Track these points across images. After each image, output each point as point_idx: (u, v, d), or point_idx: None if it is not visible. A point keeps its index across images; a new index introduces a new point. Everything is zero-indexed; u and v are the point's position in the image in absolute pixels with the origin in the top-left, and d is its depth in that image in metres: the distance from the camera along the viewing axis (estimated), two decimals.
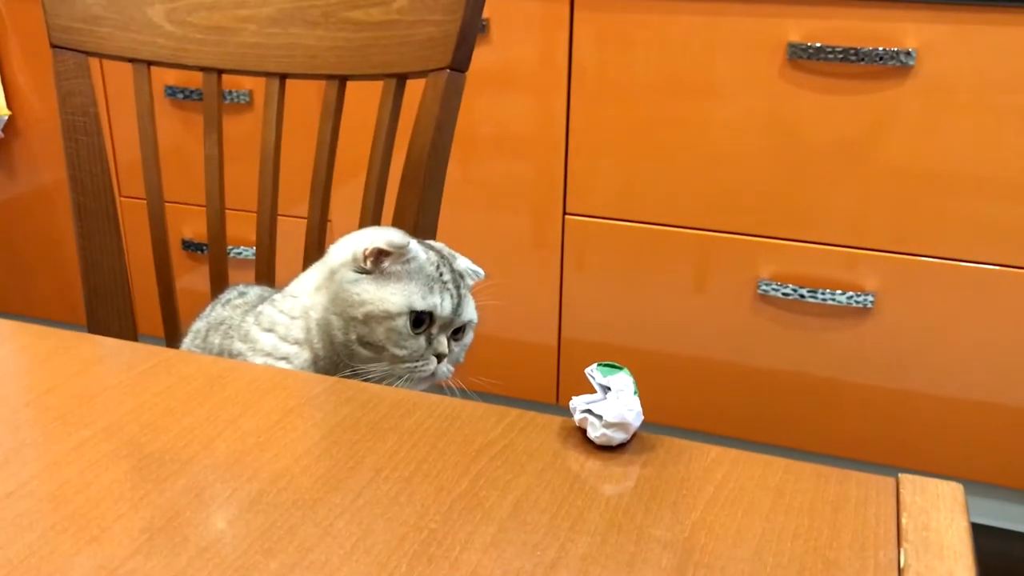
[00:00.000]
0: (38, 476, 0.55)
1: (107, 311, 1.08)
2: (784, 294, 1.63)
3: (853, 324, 1.63)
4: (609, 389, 0.60)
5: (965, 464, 1.66)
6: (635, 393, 0.59)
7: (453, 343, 0.80)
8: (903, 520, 0.52)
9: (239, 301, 0.87)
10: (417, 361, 0.77)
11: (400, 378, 0.77)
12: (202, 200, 1.98)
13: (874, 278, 1.60)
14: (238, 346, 0.81)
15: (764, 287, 1.64)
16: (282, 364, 0.78)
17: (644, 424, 0.60)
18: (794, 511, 0.53)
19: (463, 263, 0.83)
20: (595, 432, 0.58)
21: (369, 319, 0.75)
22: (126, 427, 0.60)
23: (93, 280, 1.07)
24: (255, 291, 0.90)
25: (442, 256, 0.80)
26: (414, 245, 0.77)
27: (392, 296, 0.75)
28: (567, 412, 0.62)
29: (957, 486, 0.55)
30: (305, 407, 0.64)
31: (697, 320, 1.72)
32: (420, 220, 0.99)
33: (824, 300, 1.62)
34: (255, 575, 0.47)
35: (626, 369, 0.61)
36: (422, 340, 0.77)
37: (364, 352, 0.76)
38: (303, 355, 0.78)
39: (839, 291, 1.61)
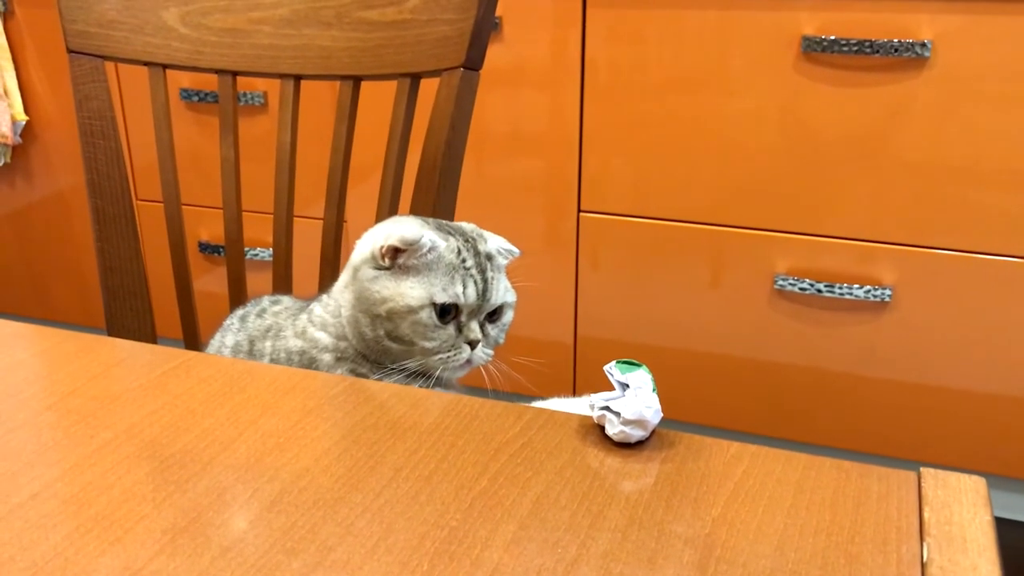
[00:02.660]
0: (61, 478, 0.55)
1: (126, 314, 1.09)
2: (801, 289, 1.63)
3: (871, 318, 1.62)
4: (627, 386, 0.60)
5: (987, 458, 1.65)
6: (654, 390, 0.59)
7: (489, 326, 0.79)
8: (926, 514, 0.51)
9: (278, 308, 0.87)
10: (449, 351, 0.76)
11: (435, 371, 0.76)
12: (219, 202, 1.99)
13: (891, 271, 1.59)
14: (295, 343, 0.81)
15: (780, 282, 1.63)
16: (342, 360, 0.79)
17: (662, 421, 0.60)
18: (815, 506, 0.53)
19: (493, 243, 0.81)
20: (613, 429, 0.58)
21: (392, 315, 0.75)
22: (147, 429, 0.61)
23: (112, 283, 1.08)
24: (287, 298, 0.90)
25: (466, 239, 0.79)
26: (429, 237, 0.76)
27: (411, 290, 0.75)
28: (584, 409, 0.62)
29: (979, 479, 0.54)
30: (325, 407, 0.64)
31: (713, 316, 1.72)
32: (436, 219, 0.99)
33: (841, 294, 1.61)
34: (277, 575, 0.47)
35: (644, 366, 0.61)
36: (451, 329, 0.76)
37: (395, 347, 0.76)
38: (351, 348, 0.80)
39: (856, 285, 1.60)
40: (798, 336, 1.68)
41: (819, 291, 1.62)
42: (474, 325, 0.77)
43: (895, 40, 1.46)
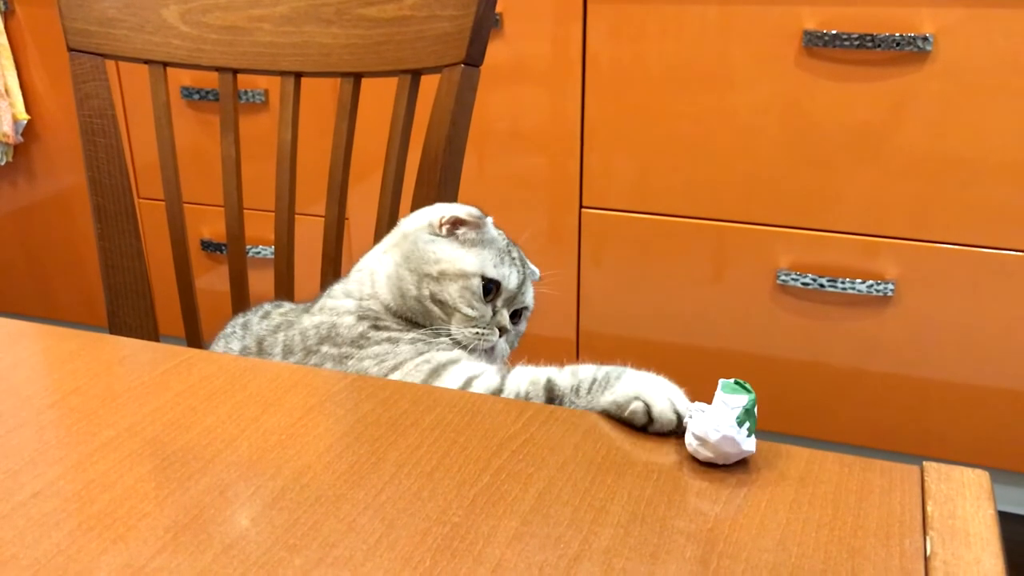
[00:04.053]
0: (63, 476, 0.55)
1: (128, 312, 1.09)
2: (803, 284, 1.62)
3: (874, 312, 1.62)
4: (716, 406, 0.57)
5: (990, 452, 1.64)
6: (738, 418, 0.56)
7: (514, 320, 0.82)
8: (928, 508, 0.51)
9: (283, 309, 0.87)
10: (484, 328, 0.78)
11: (465, 344, 0.77)
12: (220, 200, 1.99)
13: (894, 266, 1.59)
14: (310, 320, 0.80)
15: (783, 277, 1.63)
16: (363, 319, 0.79)
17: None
18: (818, 500, 0.53)
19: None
20: (687, 438, 0.57)
21: (443, 276, 0.78)
22: (149, 426, 0.61)
23: (113, 281, 1.08)
24: (289, 303, 0.90)
25: (507, 241, 0.84)
26: (489, 220, 0.82)
27: (467, 257, 0.79)
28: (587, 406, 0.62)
29: (983, 473, 0.54)
30: (326, 404, 0.64)
31: (716, 311, 1.72)
32: None
33: (844, 289, 1.61)
34: (279, 572, 0.47)
35: (752, 394, 0.58)
36: (489, 308, 0.79)
37: (435, 309, 0.78)
38: (377, 304, 0.81)
39: (859, 280, 1.60)
40: (801, 331, 1.67)
41: (822, 286, 1.62)
42: (505, 313, 0.80)
43: (897, 34, 1.46)
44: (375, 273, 0.82)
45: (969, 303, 1.57)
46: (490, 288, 0.79)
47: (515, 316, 0.83)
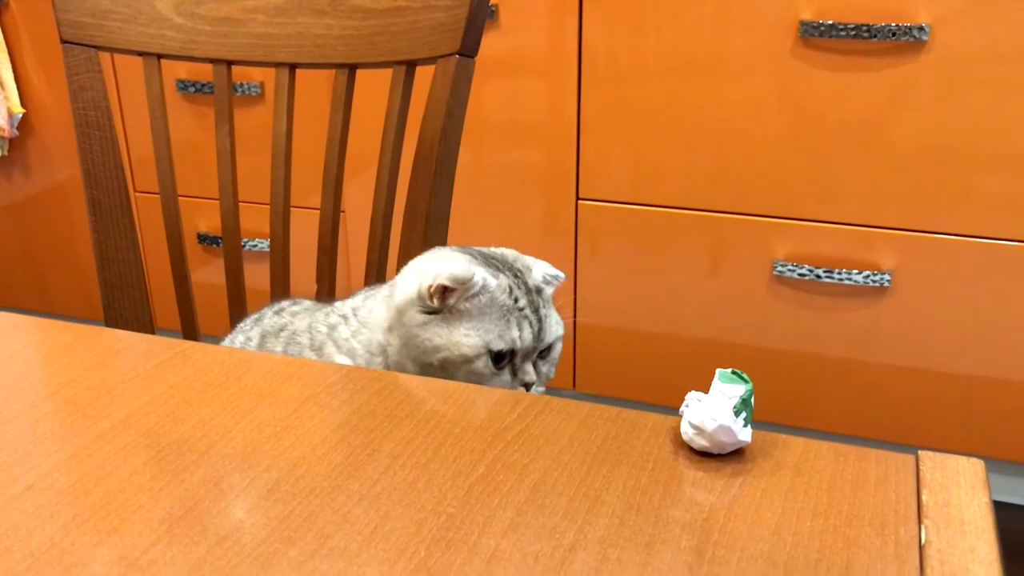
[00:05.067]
0: (58, 468, 0.55)
1: (123, 305, 1.09)
2: (800, 275, 1.62)
3: (870, 303, 1.62)
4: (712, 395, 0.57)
5: (986, 442, 1.65)
6: (735, 408, 0.55)
7: (541, 363, 0.75)
8: (923, 497, 0.51)
9: (296, 308, 0.83)
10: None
11: None
12: (216, 193, 1.99)
13: (890, 256, 1.59)
14: (310, 355, 0.78)
15: (780, 268, 1.63)
16: None
17: (661, 407, 0.60)
18: (813, 490, 0.53)
19: (538, 273, 0.77)
20: (683, 427, 0.57)
21: (446, 364, 0.70)
22: (144, 419, 0.60)
23: (109, 274, 1.08)
24: (308, 301, 0.86)
25: (515, 275, 0.74)
26: (480, 275, 0.70)
27: (466, 338, 0.70)
28: (583, 397, 0.62)
29: (978, 462, 0.54)
30: (321, 396, 0.64)
31: (713, 303, 1.72)
32: (432, 208, 0.99)
33: (840, 280, 1.61)
34: (274, 563, 0.47)
35: (749, 383, 0.57)
36: (506, 375, 0.72)
37: None
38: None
39: (855, 270, 1.60)
40: (797, 322, 1.68)
41: (818, 277, 1.62)
42: (528, 367, 0.73)
43: (893, 24, 1.45)
44: (387, 356, 0.74)
45: (966, 294, 1.57)
46: (503, 355, 0.71)
47: (545, 350, 0.75)
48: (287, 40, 1.00)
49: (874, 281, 1.59)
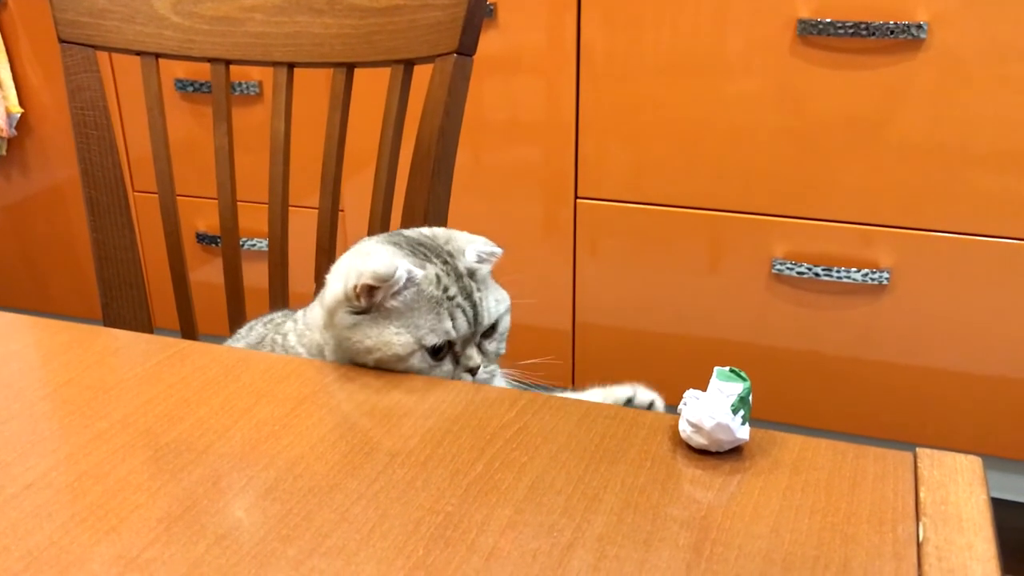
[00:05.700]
0: (56, 468, 0.55)
1: (122, 304, 1.09)
2: (799, 273, 1.62)
3: (869, 301, 1.62)
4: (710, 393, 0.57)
5: (984, 440, 1.65)
6: (732, 406, 0.56)
7: (487, 343, 0.73)
8: (921, 494, 0.51)
9: (280, 320, 0.83)
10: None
11: None
12: (215, 193, 1.99)
13: (889, 254, 1.59)
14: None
15: (778, 266, 1.63)
16: None
17: (664, 407, 0.60)
18: (811, 487, 0.53)
19: (471, 254, 0.74)
20: (681, 425, 0.57)
21: (381, 364, 0.68)
22: (142, 418, 0.60)
23: (107, 273, 1.08)
24: (299, 312, 0.84)
25: (444, 261, 0.72)
26: (404, 269, 0.68)
27: (397, 337, 0.67)
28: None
29: (975, 459, 0.54)
30: (319, 394, 0.64)
31: (712, 301, 1.72)
32: (430, 206, 0.99)
33: (839, 278, 1.61)
34: (273, 562, 0.47)
35: (747, 381, 0.57)
36: (447, 364, 0.70)
37: None
38: None
39: (854, 268, 1.60)
40: (796, 320, 1.68)
41: (817, 275, 1.62)
42: (471, 352, 0.71)
43: (891, 22, 1.45)
44: (322, 350, 0.73)
45: (964, 291, 1.57)
46: (441, 347, 0.69)
47: (490, 330, 0.73)
48: (285, 39, 1.00)
49: (873, 279, 1.59)
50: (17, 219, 2.24)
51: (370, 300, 0.68)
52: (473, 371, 0.71)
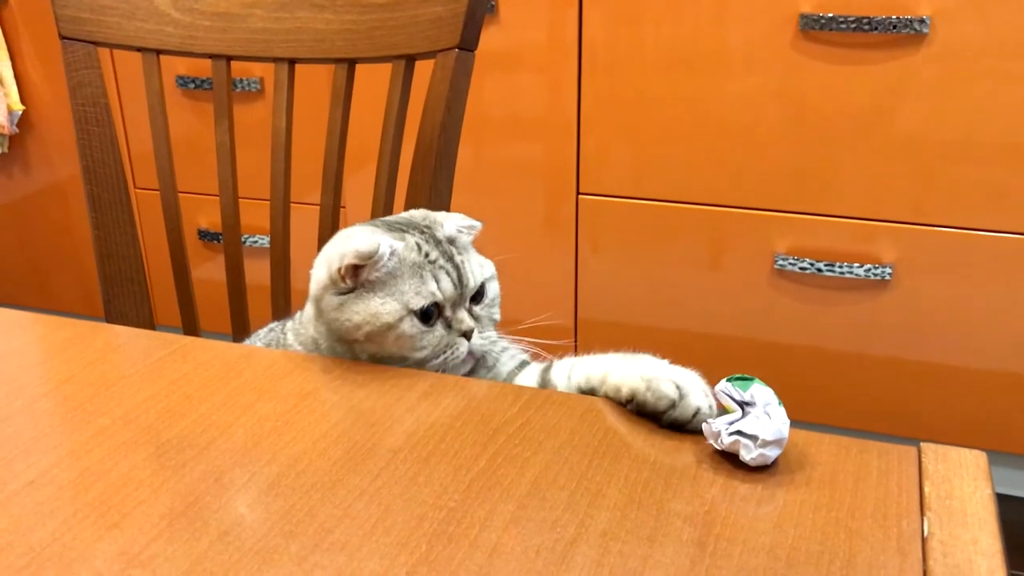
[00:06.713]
0: (58, 464, 0.55)
1: (124, 301, 1.09)
2: (801, 268, 1.62)
3: (871, 297, 1.62)
4: (749, 404, 0.55)
5: (988, 434, 1.64)
6: (780, 403, 0.55)
7: (477, 308, 0.73)
8: (926, 489, 0.51)
9: (291, 321, 0.83)
10: (445, 352, 0.70)
11: (440, 371, 0.70)
12: (217, 190, 1.99)
13: (891, 250, 1.59)
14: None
15: (781, 262, 1.63)
16: None
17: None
18: (815, 483, 0.52)
19: (450, 225, 0.75)
20: (750, 454, 0.53)
21: (372, 337, 0.69)
22: (144, 414, 0.60)
23: (109, 270, 1.08)
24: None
25: (421, 231, 0.73)
26: (386, 245, 0.69)
27: (383, 306, 0.68)
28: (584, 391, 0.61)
29: (980, 454, 0.54)
30: (322, 390, 0.64)
31: (714, 297, 1.71)
32: (432, 202, 0.98)
33: (842, 273, 1.60)
34: (275, 558, 0.47)
35: (757, 379, 0.57)
36: (439, 329, 0.70)
37: (390, 360, 0.70)
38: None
39: (856, 264, 1.59)
40: (799, 315, 1.67)
41: (819, 270, 1.61)
42: (462, 315, 0.72)
43: (893, 17, 1.45)
44: (320, 349, 0.73)
45: (966, 286, 1.56)
46: (430, 311, 0.69)
47: (478, 295, 0.74)
48: (286, 35, 1.00)
49: (875, 274, 1.59)
50: (19, 216, 2.24)
51: (355, 279, 0.70)
52: (467, 334, 0.71)
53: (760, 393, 0.55)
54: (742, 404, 0.55)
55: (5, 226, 2.27)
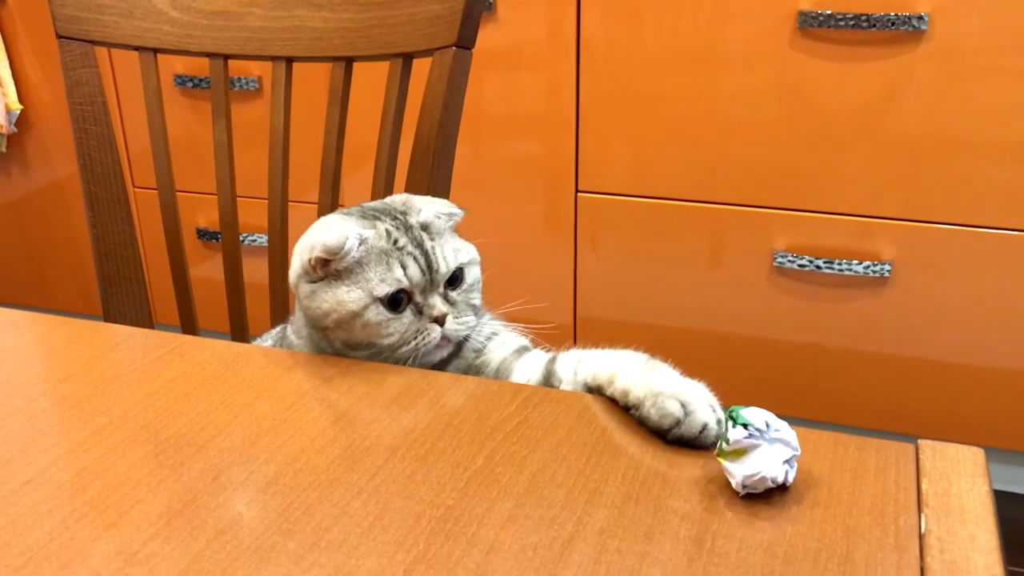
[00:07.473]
0: (56, 463, 0.55)
1: (122, 299, 1.09)
2: (800, 265, 1.62)
3: (870, 294, 1.62)
4: (755, 436, 0.52)
5: (986, 431, 1.64)
6: (770, 414, 0.53)
7: (453, 293, 0.73)
8: (923, 486, 0.51)
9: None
10: (415, 338, 0.70)
11: (412, 360, 0.71)
12: (215, 188, 1.98)
13: (890, 247, 1.59)
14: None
15: (780, 259, 1.63)
16: None
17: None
18: (813, 479, 0.53)
19: (428, 211, 0.75)
20: (782, 475, 0.51)
21: (341, 324, 0.70)
22: (142, 413, 0.60)
23: (107, 269, 1.08)
24: None
25: (394, 218, 0.74)
26: (355, 236, 0.70)
27: (348, 294, 0.69)
28: (584, 390, 0.61)
29: (977, 450, 0.54)
30: (319, 389, 0.64)
31: (713, 294, 1.71)
32: None
33: (841, 270, 1.60)
34: (273, 556, 0.47)
35: (736, 407, 0.54)
36: (408, 315, 0.70)
37: (362, 352, 0.71)
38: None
39: (855, 261, 1.59)
40: (798, 313, 1.67)
41: (818, 267, 1.61)
42: (434, 300, 0.71)
43: (892, 14, 1.45)
44: (301, 331, 0.76)
45: (966, 283, 1.56)
46: (398, 297, 0.70)
47: (455, 281, 0.73)
48: (284, 34, 1.00)
49: (874, 271, 1.59)
50: (17, 215, 2.24)
51: (325, 269, 0.71)
52: (440, 320, 0.71)
53: (755, 418, 0.52)
54: (749, 448, 0.52)
55: (3, 225, 2.27)
